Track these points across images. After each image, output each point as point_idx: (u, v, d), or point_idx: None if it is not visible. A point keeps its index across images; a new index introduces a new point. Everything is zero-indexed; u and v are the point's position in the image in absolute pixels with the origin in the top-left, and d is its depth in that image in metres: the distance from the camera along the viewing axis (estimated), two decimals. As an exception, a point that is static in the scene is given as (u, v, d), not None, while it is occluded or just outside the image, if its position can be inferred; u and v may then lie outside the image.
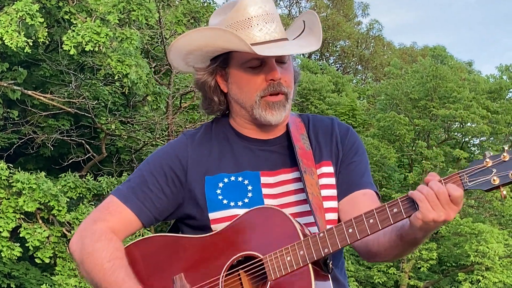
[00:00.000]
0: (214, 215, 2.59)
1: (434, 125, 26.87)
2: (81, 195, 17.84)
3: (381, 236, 2.44)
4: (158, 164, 2.66)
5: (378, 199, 2.67)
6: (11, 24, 16.29)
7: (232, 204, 2.59)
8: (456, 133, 28.83)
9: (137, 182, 2.66)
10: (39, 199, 16.45)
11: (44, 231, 16.89)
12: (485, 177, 2.30)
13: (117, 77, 17.76)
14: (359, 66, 46.23)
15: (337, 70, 41.64)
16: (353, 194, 2.64)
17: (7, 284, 18.62)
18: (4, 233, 16.52)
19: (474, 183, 2.31)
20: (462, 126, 27.95)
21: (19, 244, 17.13)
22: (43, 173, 17.09)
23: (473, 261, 23.70)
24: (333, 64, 45.31)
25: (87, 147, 19.91)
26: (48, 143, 19.64)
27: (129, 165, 20.94)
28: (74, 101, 19.24)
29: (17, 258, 17.34)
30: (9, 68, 19.12)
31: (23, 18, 16.31)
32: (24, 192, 16.41)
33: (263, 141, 2.67)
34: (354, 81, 41.30)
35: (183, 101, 21.79)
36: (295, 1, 44.87)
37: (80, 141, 20.00)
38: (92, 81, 20.28)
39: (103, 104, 20.25)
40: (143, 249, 2.61)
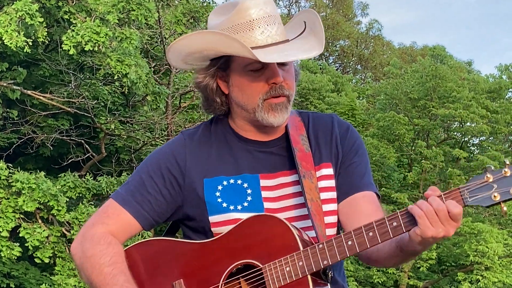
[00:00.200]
0: (214, 219, 2.58)
1: (433, 124, 26.83)
2: (81, 195, 17.84)
3: (380, 246, 2.42)
4: (156, 165, 2.64)
5: (378, 199, 2.65)
6: (10, 23, 16.28)
7: (231, 207, 2.57)
8: (455, 133, 28.79)
9: (135, 184, 2.64)
10: (38, 199, 16.44)
11: (43, 231, 16.88)
12: (486, 193, 2.28)
13: (116, 77, 17.75)
14: (359, 65, 46.22)
15: (337, 69, 41.60)
16: (353, 196, 2.62)
17: (7, 284, 18.59)
18: (3, 233, 16.50)
19: (474, 199, 2.29)
20: (461, 125, 27.91)
21: (18, 244, 17.12)
22: (42, 173, 17.07)
23: (473, 260, 23.66)
24: (333, 63, 45.29)
25: (87, 146, 19.89)
26: (47, 143, 19.63)
27: (129, 164, 20.92)
28: (73, 100, 19.23)
29: (16, 258, 17.32)
30: (8, 67, 19.12)
31: (23, 17, 16.30)
32: (23, 192, 16.39)
33: (262, 143, 2.65)
34: (353, 80, 41.25)
35: (182, 101, 21.77)
36: (294, 1, 44.88)
37: (79, 140, 19.99)
38: (91, 80, 20.27)
39: (103, 103, 20.23)
40: (143, 253, 2.60)
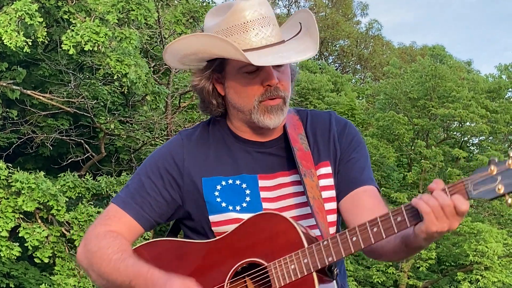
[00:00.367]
0: (214, 218, 2.58)
1: (433, 124, 26.83)
2: (80, 195, 17.84)
3: (384, 242, 2.41)
4: (154, 166, 2.65)
5: (379, 194, 2.64)
6: (10, 23, 16.28)
7: (230, 208, 2.58)
8: (455, 133, 28.79)
9: (135, 187, 2.65)
10: (38, 199, 16.43)
11: (43, 230, 16.88)
12: (490, 186, 2.24)
13: (116, 77, 17.75)
14: (358, 65, 46.22)
15: (336, 69, 41.60)
16: (354, 191, 2.61)
17: (6, 283, 18.60)
18: (3, 232, 16.50)
19: (478, 192, 2.25)
20: (461, 125, 27.92)
21: (18, 243, 17.10)
22: (42, 173, 17.07)
23: (472, 260, 23.68)
24: (332, 63, 45.30)
25: (86, 146, 19.90)
26: (47, 143, 19.62)
27: (128, 164, 20.93)
28: (73, 100, 19.23)
29: (16, 257, 17.31)
30: (8, 67, 19.12)
31: (22, 17, 16.31)
32: (23, 191, 16.39)
33: (260, 143, 2.65)
34: (353, 80, 41.23)
35: (182, 101, 21.78)
36: (294, 1, 44.87)
37: (79, 140, 19.98)
38: (91, 80, 20.27)
39: (102, 103, 20.23)
40: (148, 253, 2.60)
